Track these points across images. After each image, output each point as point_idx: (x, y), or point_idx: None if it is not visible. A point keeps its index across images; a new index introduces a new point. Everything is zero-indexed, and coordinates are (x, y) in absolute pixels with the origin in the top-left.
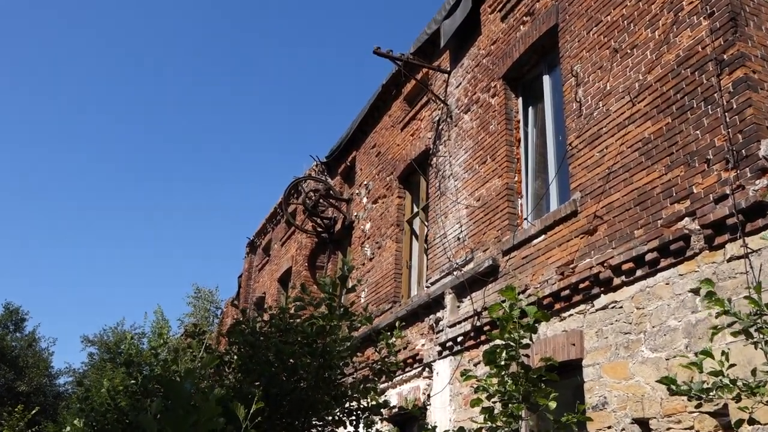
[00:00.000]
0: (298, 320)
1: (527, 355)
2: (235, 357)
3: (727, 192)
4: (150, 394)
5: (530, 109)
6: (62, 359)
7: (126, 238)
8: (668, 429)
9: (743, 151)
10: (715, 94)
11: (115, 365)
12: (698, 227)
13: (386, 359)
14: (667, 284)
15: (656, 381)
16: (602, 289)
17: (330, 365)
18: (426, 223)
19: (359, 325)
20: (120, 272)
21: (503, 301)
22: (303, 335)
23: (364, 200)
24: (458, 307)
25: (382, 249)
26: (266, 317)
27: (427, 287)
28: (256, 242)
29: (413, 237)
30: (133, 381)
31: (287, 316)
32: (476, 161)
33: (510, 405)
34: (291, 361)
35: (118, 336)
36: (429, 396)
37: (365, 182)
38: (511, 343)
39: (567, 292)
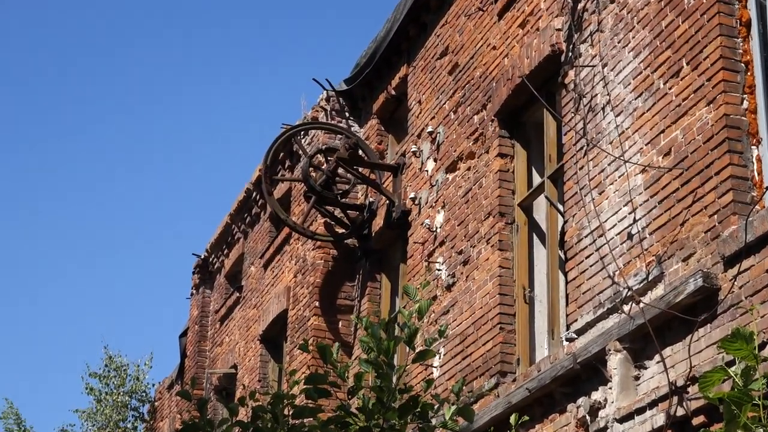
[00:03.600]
0: (314, 423)
1: None
2: None
3: None
4: None
5: None
6: None
7: None
8: None
9: None
10: None
11: None
12: None
13: None
14: None
15: None
16: None
17: None
18: (560, 209)
19: (438, 426)
20: None
21: (729, 363)
22: None
23: (430, 166)
24: (636, 377)
25: (470, 265)
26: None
27: (569, 340)
28: (213, 264)
29: (534, 237)
30: None
31: (288, 412)
32: (659, 72)
33: None
34: None
35: None
36: None
37: (429, 128)
38: None
39: None
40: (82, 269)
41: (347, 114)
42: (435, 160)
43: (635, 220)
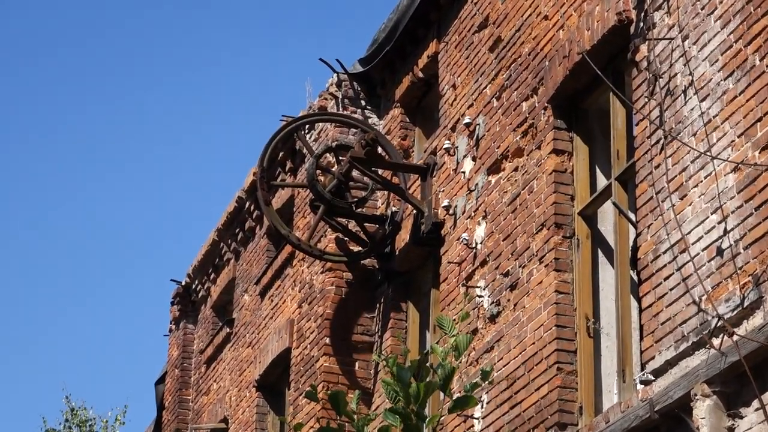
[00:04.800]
0: None
1: None
2: None
3: None
4: None
5: None
6: None
7: None
8: None
9: None
10: None
11: None
12: None
13: None
14: None
15: None
16: None
17: None
18: (632, 218)
19: None
20: None
21: None
22: None
23: (467, 167)
24: (730, 429)
25: (519, 290)
26: None
27: (645, 383)
28: (197, 292)
29: (599, 254)
30: None
31: None
32: (753, 46)
33: None
34: None
35: None
36: None
37: (466, 119)
38: None
39: None
40: (37, 303)
41: (363, 102)
42: (474, 159)
43: (726, 232)
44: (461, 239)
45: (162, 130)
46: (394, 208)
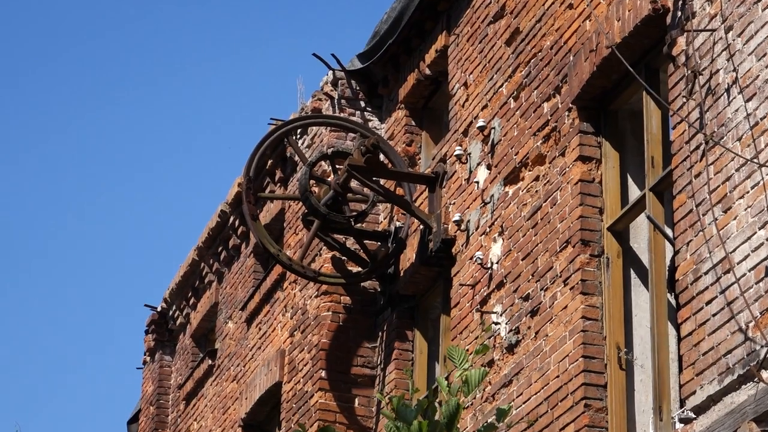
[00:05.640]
0: None
1: None
2: None
3: None
4: None
5: None
6: None
7: None
8: None
9: None
10: None
11: None
12: None
13: None
14: None
15: None
16: None
17: None
18: (669, 234)
19: None
20: None
21: None
22: None
23: (481, 176)
24: None
25: (541, 316)
26: None
27: (685, 421)
28: (174, 319)
29: (631, 275)
30: None
31: None
32: None
33: None
34: None
35: None
36: None
37: (480, 122)
38: None
39: None
40: None
41: (363, 104)
42: (489, 168)
43: None
44: (475, 258)
45: (134, 137)
46: (398, 223)
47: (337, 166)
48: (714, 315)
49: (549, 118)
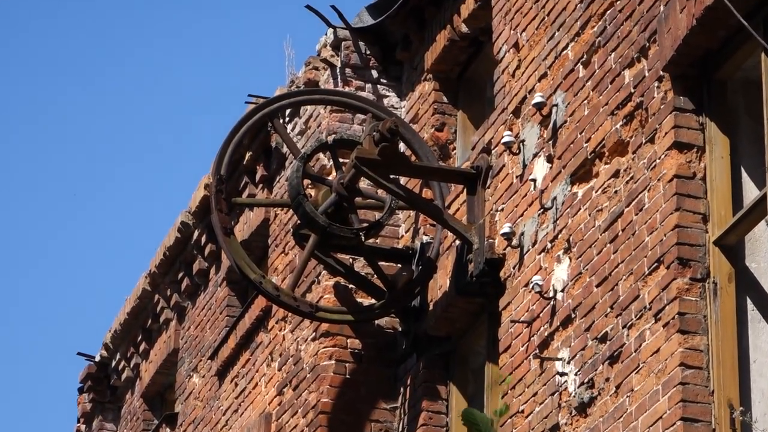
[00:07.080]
0: None
1: None
2: None
3: None
4: None
5: None
6: None
7: None
8: None
9: None
10: None
11: None
12: None
13: None
14: None
15: None
16: None
17: None
18: None
19: None
20: None
21: None
22: None
23: (539, 172)
24: None
25: (624, 363)
26: None
27: None
28: (118, 372)
29: (747, 305)
30: None
31: None
32: None
33: None
34: None
35: None
36: None
37: (537, 98)
38: None
39: None
40: None
41: (375, 73)
42: (550, 160)
43: None
44: (532, 285)
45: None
46: (425, 238)
47: (341, 160)
48: None
49: (632, 91)
